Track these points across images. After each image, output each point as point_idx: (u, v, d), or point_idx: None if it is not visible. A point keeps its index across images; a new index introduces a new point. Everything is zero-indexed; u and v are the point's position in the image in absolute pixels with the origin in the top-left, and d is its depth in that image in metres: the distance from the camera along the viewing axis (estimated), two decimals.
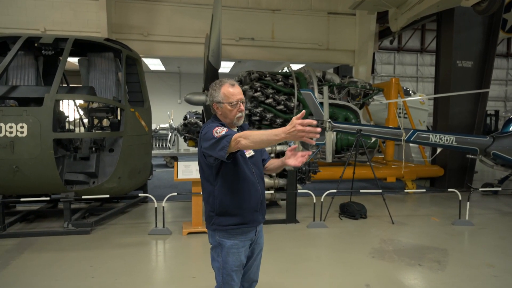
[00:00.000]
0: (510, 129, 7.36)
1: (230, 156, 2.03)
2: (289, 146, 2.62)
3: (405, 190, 7.67)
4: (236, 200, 2.23)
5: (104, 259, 4.41)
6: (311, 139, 1.77)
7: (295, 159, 2.22)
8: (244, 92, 7.66)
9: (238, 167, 2.21)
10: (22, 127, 5.03)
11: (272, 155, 6.23)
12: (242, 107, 2.23)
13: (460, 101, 9.27)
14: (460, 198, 6.14)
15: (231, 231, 2.25)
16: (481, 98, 9.40)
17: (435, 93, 9.93)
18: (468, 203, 6.15)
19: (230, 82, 2.25)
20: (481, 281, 3.88)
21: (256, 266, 2.48)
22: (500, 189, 7.95)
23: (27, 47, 6.07)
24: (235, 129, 2.32)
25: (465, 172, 9.47)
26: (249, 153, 2.29)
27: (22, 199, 5.36)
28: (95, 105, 6.83)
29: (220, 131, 2.02)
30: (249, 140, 1.88)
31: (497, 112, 19.44)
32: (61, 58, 5.65)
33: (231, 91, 2.21)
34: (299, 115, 1.76)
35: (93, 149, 6.08)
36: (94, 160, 5.75)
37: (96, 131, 6.45)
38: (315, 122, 1.75)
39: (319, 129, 1.76)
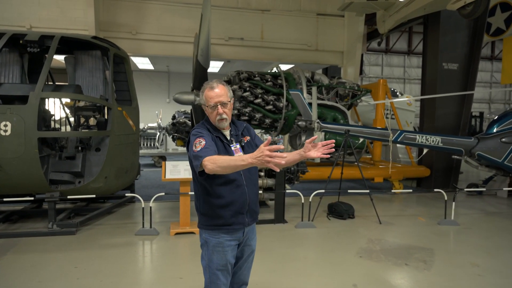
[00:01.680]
0: (494, 131, 7.49)
1: (203, 173, 2.11)
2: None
3: (392, 190, 7.74)
4: (217, 201, 2.23)
5: (89, 260, 4.34)
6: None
7: (316, 151, 2.08)
8: (233, 92, 7.63)
9: None
10: (6, 125, 4.91)
11: None
12: (221, 110, 2.23)
13: (446, 103, 9.40)
14: (446, 198, 6.22)
15: (215, 230, 2.26)
16: (466, 100, 9.55)
17: (421, 95, 10.06)
18: (453, 203, 6.24)
19: (211, 84, 2.27)
20: (466, 280, 3.94)
21: (247, 268, 2.47)
22: (484, 189, 8.10)
23: (12, 44, 5.95)
24: (227, 131, 2.33)
25: (451, 172, 9.61)
26: (238, 155, 2.26)
27: (5, 199, 5.23)
28: (81, 103, 6.72)
29: (198, 145, 2.12)
30: (216, 165, 1.97)
31: (481, 113, 19.83)
32: (47, 55, 5.54)
33: (209, 94, 2.25)
34: (266, 141, 1.81)
35: (79, 148, 5.98)
36: (80, 160, 5.66)
37: (83, 130, 6.36)
38: (282, 147, 1.81)
39: (285, 155, 1.86)
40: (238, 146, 2.31)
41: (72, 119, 7.25)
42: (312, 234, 5.55)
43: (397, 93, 13.79)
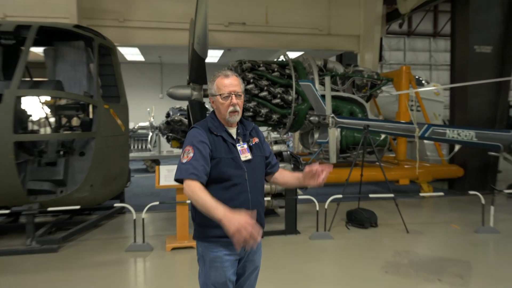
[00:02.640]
0: None
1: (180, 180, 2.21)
2: (287, 145, 2.67)
3: (420, 194, 7.66)
4: None
5: (74, 282, 4.31)
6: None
7: (316, 179, 2.29)
8: None
9: (223, 172, 2.24)
10: None
11: None
12: (235, 100, 2.29)
13: (480, 91, 9.29)
14: (483, 202, 6.12)
15: (212, 242, 2.26)
16: (503, 87, 9.44)
17: (451, 83, 9.95)
18: (492, 207, 6.14)
19: (225, 72, 2.36)
20: None
21: (250, 286, 2.46)
22: None
23: None
24: (234, 129, 2.36)
25: (488, 172, 9.49)
26: (245, 156, 2.31)
27: None
28: (63, 101, 6.73)
29: (186, 155, 2.19)
30: (190, 194, 2.10)
31: None
32: (23, 48, 5.54)
33: (223, 82, 2.31)
34: (252, 213, 1.94)
35: (61, 152, 5.98)
36: (62, 166, 5.66)
37: (65, 132, 6.38)
38: (259, 236, 1.89)
39: (259, 239, 1.92)
40: (245, 146, 2.35)
41: (52, 120, 7.26)
42: (329, 246, 5.48)
43: (423, 82, 13.65)
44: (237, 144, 2.32)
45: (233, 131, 2.36)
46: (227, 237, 2.15)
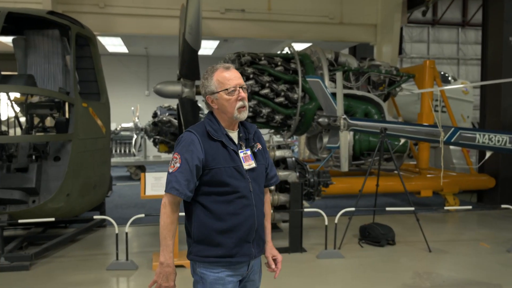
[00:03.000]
0: None
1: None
2: (292, 150, 2.73)
3: (445, 208, 7.69)
4: (216, 225, 2.24)
5: None
6: None
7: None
8: None
9: (225, 182, 2.23)
10: None
11: None
12: (243, 94, 2.28)
13: None
14: None
15: (214, 263, 2.27)
16: None
17: (482, 79, 9.99)
18: None
19: (224, 65, 2.33)
20: None
21: None
22: None
23: None
24: (235, 133, 2.34)
25: None
26: (248, 164, 2.31)
27: None
28: (35, 99, 6.78)
29: (173, 164, 2.25)
30: (161, 212, 2.26)
31: None
32: None
33: (226, 76, 2.28)
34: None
35: (33, 157, 6.03)
36: (35, 172, 5.69)
37: (37, 134, 6.39)
38: None
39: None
40: (249, 152, 2.34)
41: (23, 120, 7.31)
42: (339, 266, 5.51)
43: (449, 78, 13.73)
44: (240, 151, 2.31)
45: (234, 134, 2.34)
46: (230, 256, 2.25)
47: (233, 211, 2.24)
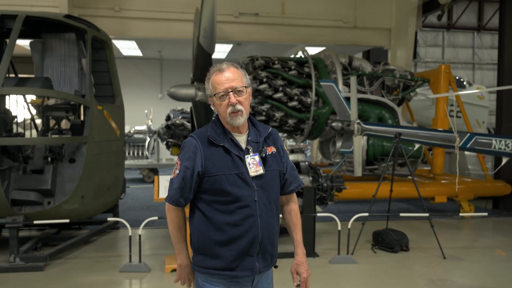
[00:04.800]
0: None
1: None
2: (305, 154, 2.68)
3: (460, 214, 7.62)
4: (215, 235, 2.17)
5: None
6: None
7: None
8: None
9: (225, 191, 2.15)
10: None
11: None
12: (234, 99, 2.15)
13: None
14: None
15: (213, 275, 2.21)
16: None
17: (498, 85, 9.90)
18: None
19: (220, 66, 2.23)
20: None
21: None
22: None
23: None
24: (243, 136, 2.26)
25: None
26: (255, 170, 2.20)
27: None
28: (51, 101, 6.86)
29: (174, 171, 2.24)
30: (168, 219, 2.30)
31: None
32: (7, 40, 5.68)
33: (217, 79, 2.19)
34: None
35: (49, 159, 6.09)
36: (50, 174, 5.75)
37: (53, 136, 6.46)
38: None
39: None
40: (256, 157, 2.22)
41: (39, 122, 7.40)
42: (353, 272, 5.50)
43: (464, 83, 13.61)
44: (246, 156, 2.20)
45: (241, 138, 2.24)
46: (230, 269, 2.17)
47: (234, 221, 2.15)
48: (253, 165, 2.20)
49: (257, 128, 2.33)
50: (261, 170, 2.21)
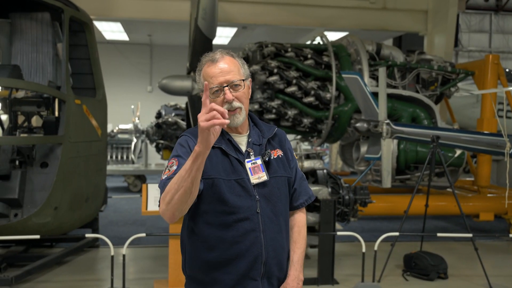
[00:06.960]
0: None
1: None
2: (323, 160, 2.64)
3: (510, 235, 7.57)
4: (208, 256, 2.16)
5: None
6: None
7: None
8: (253, 74, 7.69)
9: (222, 200, 2.13)
10: None
11: None
12: (229, 96, 2.13)
13: None
14: None
15: None
16: None
17: None
18: None
19: (212, 56, 2.20)
20: None
21: None
22: None
23: None
24: (243, 137, 2.26)
25: None
26: (257, 177, 2.19)
27: None
28: (20, 93, 6.90)
29: (167, 170, 2.12)
30: (164, 202, 2.00)
31: None
32: None
33: (209, 71, 2.17)
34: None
35: (16, 162, 6.12)
36: (18, 181, 5.76)
37: (22, 135, 6.49)
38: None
39: (227, 121, 1.84)
40: (258, 162, 2.22)
41: (5, 118, 7.43)
42: None
43: None
44: (246, 160, 2.21)
45: (241, 139, 2.26)
46: None
47: (231, 238, 2.13)
48: (255, 170, 2.20)
49: (259, 127, 2.34)
50: (264, 177, 2.20)
